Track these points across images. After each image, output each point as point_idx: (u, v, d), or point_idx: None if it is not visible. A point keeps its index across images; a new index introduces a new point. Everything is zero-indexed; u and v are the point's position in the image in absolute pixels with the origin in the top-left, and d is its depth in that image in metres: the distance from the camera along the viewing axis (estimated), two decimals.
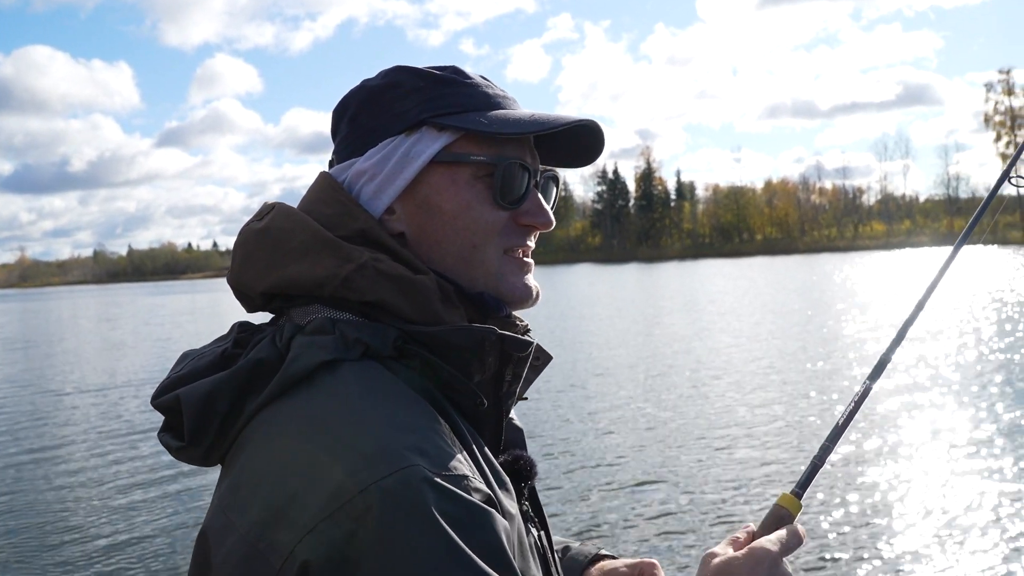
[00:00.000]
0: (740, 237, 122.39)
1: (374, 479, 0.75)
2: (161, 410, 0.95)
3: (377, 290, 0.92)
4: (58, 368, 20.44)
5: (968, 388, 11.99)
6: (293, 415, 0.85)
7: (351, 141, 1.03)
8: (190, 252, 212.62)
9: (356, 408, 0.83)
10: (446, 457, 0.80)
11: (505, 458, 1.01)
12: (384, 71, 1.05)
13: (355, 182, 1.01)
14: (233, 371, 0.90)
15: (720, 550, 1.06)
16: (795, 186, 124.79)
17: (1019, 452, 8.56)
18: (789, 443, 9.53)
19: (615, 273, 69.31)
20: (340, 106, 1.06)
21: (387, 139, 1.00)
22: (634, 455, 9.20)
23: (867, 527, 6.68)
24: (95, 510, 8.11)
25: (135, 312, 47.39)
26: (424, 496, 0.75)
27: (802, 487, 1.13)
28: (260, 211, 1.03)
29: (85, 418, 13.07)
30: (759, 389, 12.82)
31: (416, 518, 0.74)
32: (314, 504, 0.75)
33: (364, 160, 1.01)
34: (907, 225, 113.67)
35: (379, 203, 1.00)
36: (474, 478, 0.81)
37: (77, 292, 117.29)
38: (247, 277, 0.99)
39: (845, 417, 1.17)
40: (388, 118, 1.01)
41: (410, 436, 0.80)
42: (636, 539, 6.60)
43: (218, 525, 0.83)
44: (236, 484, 0.84)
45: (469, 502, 0.77)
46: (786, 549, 1.02)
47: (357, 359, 0.88)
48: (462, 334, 0.92)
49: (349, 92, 1.06)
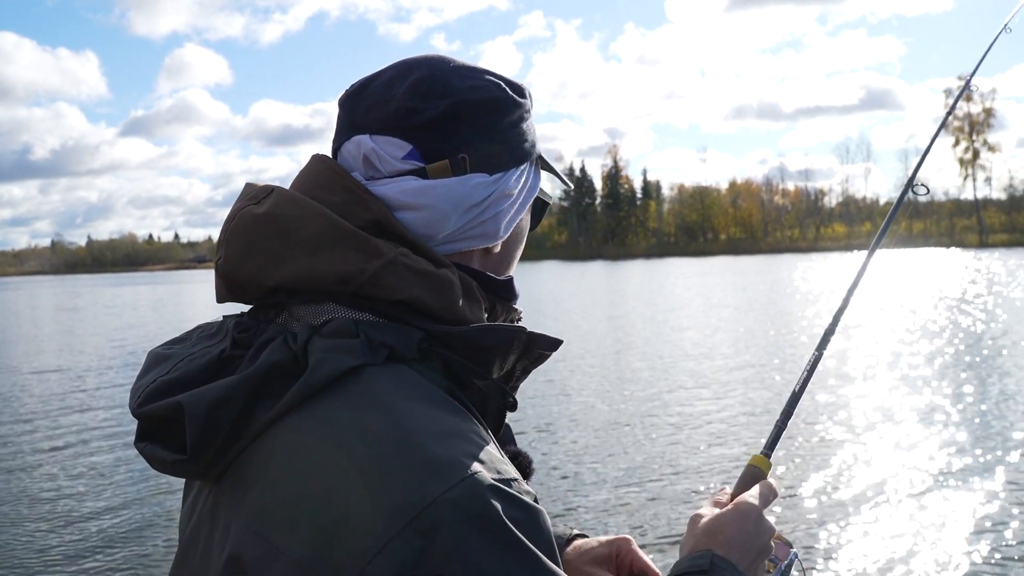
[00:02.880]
0: (704, 237, 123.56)
1: (440, 491, 0.71)
2: (149, 419, 0.85)
3: (408, 287, 0.86)
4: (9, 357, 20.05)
5: (909, 363, 12.93)
6: (329, 426, 0.77)
7: (462, 141, 0.93)
8: (151, 243, 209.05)
9: (399, 416, 0.77)
10: (498, 461, 0.77)
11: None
12: (479, 77, 0.97)
13: (498, 201, 0.96)
14: (245, 376, 0.81)
15: (705, 511, 1.10)
16: (759, 187, 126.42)
17: (958, 411, 9.34)
18: (752, 414, 10.59)
19: (581, 270, 69.66)
20: (427, 81, 0.93)
21: (522, 165, 1.00)
22: (606, 436, 9.32)
23: (827, 480, 7.66)
24: (50, 510, 7.97)
25: (95, 303, 46.58)
26: (492, 504, 0.72)
27: (770, 448, 1.21)
28: (253, 193, 0.91)
29: (38, 414, 12.85)
30: (722, 370, 13.76)
31: (489, 527, 0.71)
32: (377, 521, 0.70)
33: (509, 181, 0.97)
34: (867, 227, 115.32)
35: (509, 227, 1.00)
36: (521, 479, 0.79)
37: (34, 282, 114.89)
38: (249, 268, 0.87)
39: (800, 384, 1.29)
40: (520, 145, 0.99)
41: (460, 441, 0.76)
42: (616, 517, 6.70)
43: (258, 552, 0.75)
44: (272, 505, 0.76)
45: (528, 504, 0.76)
46: (765, 502, 1.09)
47: (382, 363, 0.82)
48: (494, 333, 0.89)
49: (443, 73, 0.95)
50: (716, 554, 1.02)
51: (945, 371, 13.02)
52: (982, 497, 7.10)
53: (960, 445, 8.72)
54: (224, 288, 0.91)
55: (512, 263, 1.03)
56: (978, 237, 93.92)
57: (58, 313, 39.12)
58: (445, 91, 0.93)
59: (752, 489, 1.12)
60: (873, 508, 6.92)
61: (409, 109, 0.92)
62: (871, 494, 7.26)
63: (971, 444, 8.74)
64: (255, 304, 0.92)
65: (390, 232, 0.89)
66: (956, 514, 6.70)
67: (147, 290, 64.64)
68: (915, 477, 7.71)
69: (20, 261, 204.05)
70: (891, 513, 6.80)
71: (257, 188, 0.92)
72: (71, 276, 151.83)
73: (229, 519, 0.80)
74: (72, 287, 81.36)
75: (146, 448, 0.85)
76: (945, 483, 7.51)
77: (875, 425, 9.68)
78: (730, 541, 1.04)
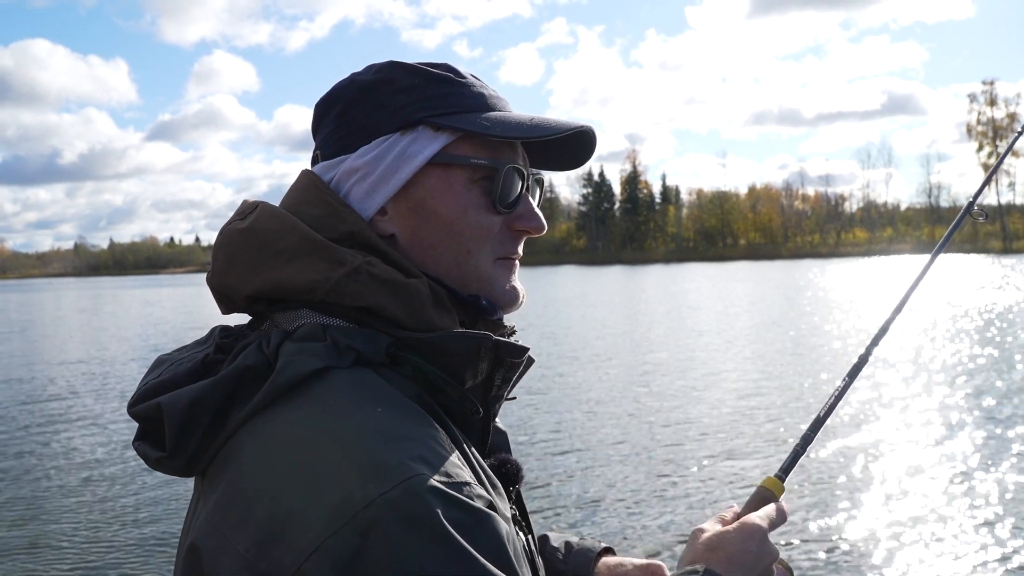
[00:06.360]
0: (724, 242, 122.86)
1: (379, 492, 0.72)
2: (138, 418, 0.91)
3: (370, 295, 0.89)
4: (28, 360, 20.24)
5: (940, 386, 12.35)
6: (286, 426, 0.81)
7: (340, 137, 0.98)
8: (172, 246, 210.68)
9: (353, 418, 0.79)
10: (448, 464, 0.78)
11: (492, 462, 0.99)
12: (376, 66, 1.00)
13: (344, 180, 0.97)
14: (218, 378, 0.86)
15: (709, 526, 1.08)
16: (779, 192, 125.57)
17: (988, 441, 8.91)
18: (770, 434, 9.98)
19: (599, 275, 69.38)
20: (327, 100, 1.01)
21: (381, 137, 0.96)
22: (620, 447, 9.24)
23: (842, 512, 7.06)
24: (63, 512, 8.01)
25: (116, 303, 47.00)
26: (431, 505, 0.72)
27: (785, 471, 1.18)
28: (242, 209, 0.98)
29: (54, 418, 12.95)
30: (742, 384, 13.24)
31: (426, 528, 0.72)
32: (317, 521, 0.72)
33: (356, 158, 0.96)
34: (889, 233, 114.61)
35: (371, 204, 0.96)
36: (475, 484, 0.79)
37: (56, 284, 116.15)
38: (231, 279, 0.94)
39: (826, 410, 1.24)
40: (382, 115, 0.96)
41: (410, 445, 0.77)
42: (626, 527, 6.63)
43: (213, 544, 0.79)
44: (228, 499, 0.80)
45: (475, 508, 0.76)
46: (772, 525, 1.07)
47: (349, 366, 0.85)
48: (458, 340, 0.89)
49: (337, 86, 1.01)
50: (712, 571, 0.99)
51: (980, 396, 11.71)
52: (1012, 547, 6.24)
53: (990, 489, 7.57)
54: (217, 300, 0.98)
55: (450, 248, 0.96)
56: (1001, 243, 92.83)
57: (93, 314, 39.44)
58: (333, 100, 1.01)
59: (760, 510, 1.09)
60: (886, 550, 6.26)
61: (316, 129, 1.04)
62: (886, 534, 6.57)
63: (1003, 491, 7.52)
64: (241, 313, 0.98)
65: (364, 242, 0.93)
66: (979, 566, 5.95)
67: (168, 292, 65.09)
68: (939, 523, 6.78)
69: (44, 263, 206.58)
70: (905, 557, 6.11)
71: (247, 205, 0.98)
72: (93, 278, 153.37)
73: (200, 511, 0.85)
74: (93, 289, 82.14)
75: (139, 447, 0.91)
76: (973, 532, 6.53)
77: (899, 455, 8.85)
78: (730, 559, 1.02)
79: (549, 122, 0.98)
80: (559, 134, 0.97)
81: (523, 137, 0.95)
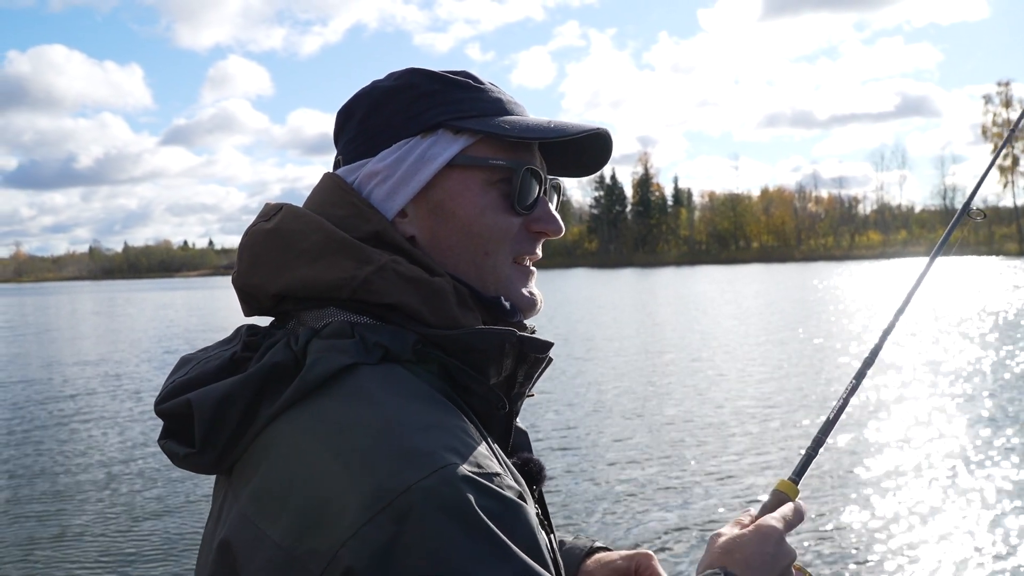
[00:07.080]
0: (736, 244, 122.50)
1: (415, 479, 0.73)
2: (166, 416, 0.91)
3: (397, 292, 0.90)
4: (42, 361, 20.40)
5: (951, 387, 12.42)
6: (319, 419, 0.82)
7: (362, 142, 1.00)
8: (186, 250, 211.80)
9: (385, 410, 0.80)
10: (479, 455, 0.79)
11: (515, 461, 1.00)
12: (396, 72, 1.03)
13: (366, 183, 0.98)
14: (248, 375, 0.87)
15: (726, 530, 1.09)
16: (792, 194, 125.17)
17: (1001, 440, 8.94)
18: (781, 434, 10.07)
19: (611, 278, 69.41)
20: (349, 106, 1.04)
21: (401, 140, 0.98)
22: (633, 449, 9.26)
23: (858, 512, 7.10)
24: (85, 510, 8.09)
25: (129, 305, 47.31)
26: (465, 493, 0.74)
27: (798, 474, 1.19)
28: (266, 211, 1.00)
29: (72, 417, 13.06)
30: (755, 386, 13.29)
31: (460, 516, 0.73)
32: (353, 508, 0.73)
33: (377, 161, 0.98)
34: (903, 235, 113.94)
35: (392, 205, 0.98)
36: (506, 474, 0.81)
37: (71, 287, 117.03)
38: (256, 279, 0.96)
39: (836, 411, 1.26)
40: (403, 119, 0.98)
41: (442, 435, 0.79)
42: (636, 527, 6.65)
43: (247, 536, 0.80)
44: (262, 492, 0.81)
45: (507, 497, 0.77)
46: (789, 526, 1.08)
47: (376, 363, 0.86)
48: (482, 337, 0.91)
49: (359, 92, 1.03)
50: (731, 573, 1.01)
51: (993, 398, 11.78)
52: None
53: (1005, 487, 7.69)
54: (241, 300, 0.99)
55: (468, 249, 0.98)
56: (1018, 245, 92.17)
57: (108, 317, 39.70)
58: (355, 106, 1.04)
59: (776, 511, 1.10)
60: (902, 550, 6.27)
61: (339, 135, 1.06)
62: (902, 535, 6.59)
63: (1021, 488, 7.65)
64: (267, 314, 0.99)
65: (389, 242, 0.95)
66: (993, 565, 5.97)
67: (182, 295, 65.46)
68: (952, 522, 6.82)
69: (59, 267, 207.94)
70: (919, 558, 6.11)
71: (271, 207, 1.00)
72: (107, 281, 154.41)
73: (231, 508, 0.85)
74: (108, 292, 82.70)
75: (166, 444, 0.92)
76: (988, 534, 6.54)
77: (913, 456, 8.89)
78: (747, 561, 1.03)
79: (566, 124, 1.00)
80: (575, 135, 0.98)
81: (541, 138, 0.97)
